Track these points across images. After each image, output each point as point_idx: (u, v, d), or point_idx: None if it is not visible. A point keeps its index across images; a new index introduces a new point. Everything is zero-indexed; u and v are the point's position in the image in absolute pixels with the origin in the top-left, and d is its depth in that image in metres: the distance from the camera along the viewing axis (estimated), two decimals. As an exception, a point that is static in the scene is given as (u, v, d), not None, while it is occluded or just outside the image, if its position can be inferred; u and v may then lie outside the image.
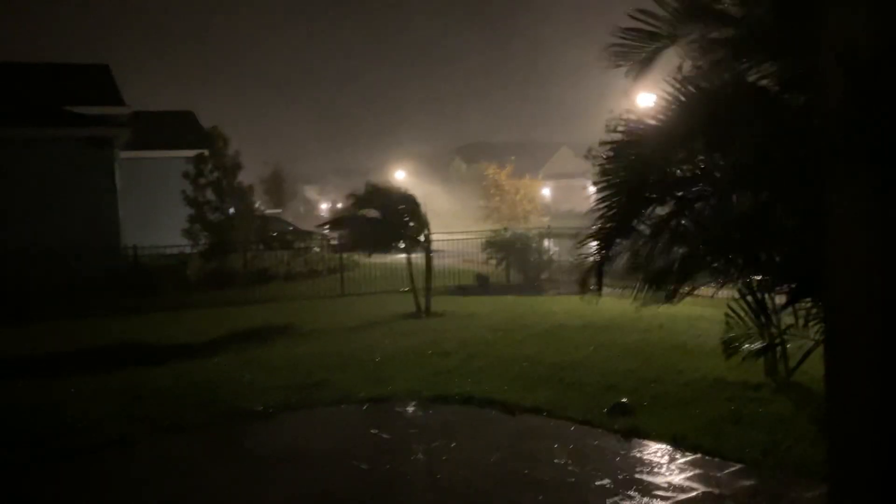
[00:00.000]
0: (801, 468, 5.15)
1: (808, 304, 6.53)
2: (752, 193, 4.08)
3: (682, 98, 3.79)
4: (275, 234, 25.39)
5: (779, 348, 7.43)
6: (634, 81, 4.66)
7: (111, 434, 6.72)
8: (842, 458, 3.38)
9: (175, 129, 29.97)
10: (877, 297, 3.06)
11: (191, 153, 21.30)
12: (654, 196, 4.11)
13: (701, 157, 4.06)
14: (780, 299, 7.37)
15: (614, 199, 4.04)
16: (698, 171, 4.08)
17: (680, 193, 4.16)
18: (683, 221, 4.27)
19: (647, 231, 4.27)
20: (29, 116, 19.53)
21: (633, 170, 3.94)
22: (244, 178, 22.06)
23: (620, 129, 4.06)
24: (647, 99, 12.86)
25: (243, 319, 13.81)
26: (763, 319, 7.29)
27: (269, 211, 41.46)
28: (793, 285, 4.49)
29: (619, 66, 4.51)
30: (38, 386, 8.74)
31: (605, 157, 4.09)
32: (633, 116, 4.10)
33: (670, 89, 3.87)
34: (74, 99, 23.62)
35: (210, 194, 20.67)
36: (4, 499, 5.50)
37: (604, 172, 4.07)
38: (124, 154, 22.48)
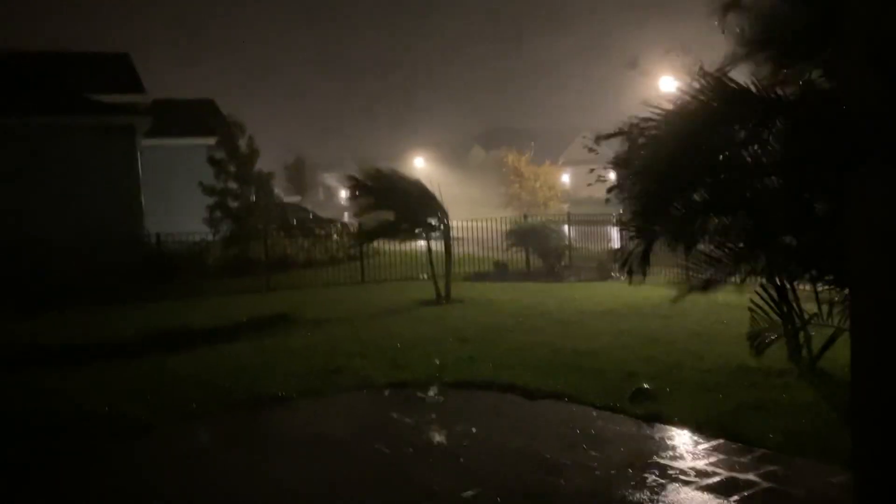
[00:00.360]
0: (825, 454, 5.09)
1: (830, 290, 6.47)
2: (782, 180, 4.03)
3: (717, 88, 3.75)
4: (295, 222, 25.51)
5: (802, 335, 7.38)
6: (653, 67, 4.62)
7: (133, 420, 6.79)
8: (866, 444, 3.34)
9: (195, 116, 30.12)
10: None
11: (210, 141, 21.42)
12: (686, 183, 4.07)
13: (733, 145, 4.02)
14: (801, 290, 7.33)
15: (646, 186, 4.01)
16: (730, 159, 4.03)
17: (710, 181, 4.12)
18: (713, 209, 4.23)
19: (680, 215, 4.24)
20: (51, 105, 19.68)
21: (665, 155, 3.91)
22: (264, 165, 22.18)
23: (654, 113, 4.02)
24: (668, 83, 12.73)
25: (263, 306, 13.91)
26: (785, 308, 7.23)
27: (288, 198, 41.59)
28: (816, 272, 4.45)
29: None
30: (60, 373, 8.84)
31: (639, 142, 4.06)
32: (665, 103, 4.06)
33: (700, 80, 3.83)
34: (96, 87, 23.78)
35: (230, 182, 20.79)
36: (28, 484, 5.58)
37: (634, 159, 4.04)
38: (145, 142, 22.64)
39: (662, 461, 5.30)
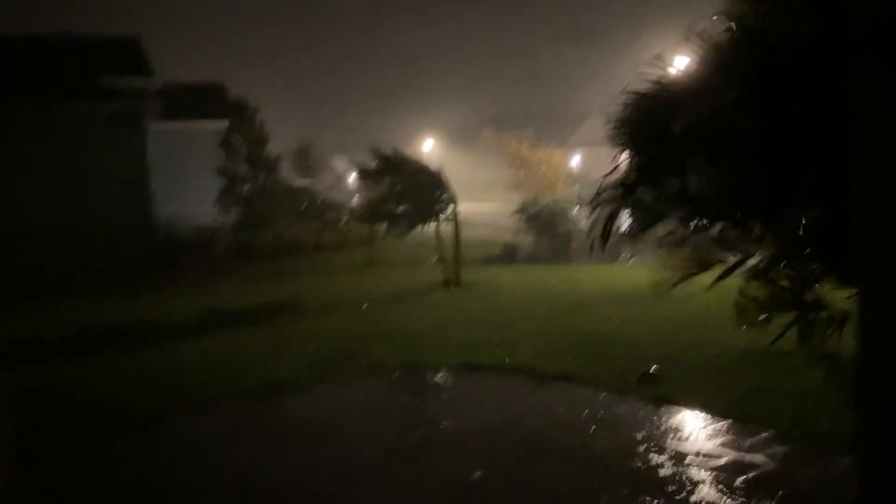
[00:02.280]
0: (831, 437, 5.13)
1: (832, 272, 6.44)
2: (777, 153, 3.97)
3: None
4: (304, 206, 25.54)
5: (812, 317, 7.37)
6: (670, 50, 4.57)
7: (141, 409, 6.74)
8: (871, 427, 3.35)
9: (204, 100, 30.09)
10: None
11: (220, 124, 21.44)
12: (679, 152, 4.04)
13: (728, 114, 3.96)
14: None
15: (637, 152, 3.99)
16: (724, 128, 3.99)
17: (703, 155, 4.08)
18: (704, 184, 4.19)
19: (676, 186, 4.20)
20: (58, 89, 19.71)
21: (657, 121, 3.89)
22: (273, 149, 22.18)
23: (650, 78, 4.00)
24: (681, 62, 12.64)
25: (273, 292, 13.98)
26: (788, 293, 7.20)
27: (298, 182, 41.60)
28: (817, 252, 4.41)
29: None
30: (67, 364, 8.84)
31: (632, 106, 4.02)
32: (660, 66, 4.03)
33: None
34: (104, 71, 23.78)
35: (240, 166, 20.84)
36: (34, 475, 5.60)
37: (625, 124, 4.00)
38: (154, 126, 22.67)
39: (670, 443, 5.34)
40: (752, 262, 5.59)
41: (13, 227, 17.03)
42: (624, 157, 4.40)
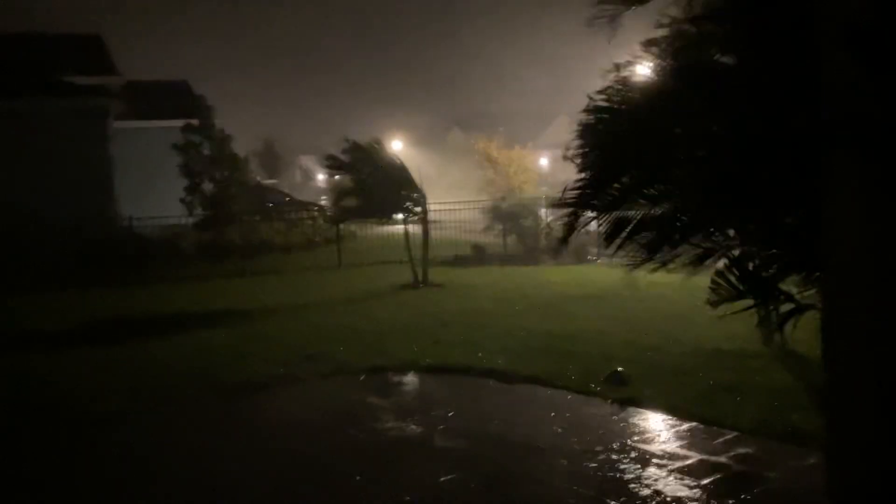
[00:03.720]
0: (797, 437, 5.17)
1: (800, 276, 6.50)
2: (738, 164, 3.98)
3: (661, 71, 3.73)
4: (271, 205, 25.29)
5: (774, 316, 7.44)
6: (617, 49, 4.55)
7: (108, 406, 6.72)
8: (839, 426, 3.37)
9: (168, 98, 29.64)
10: (876, 267, 3.02)
11: (183, 123, 21.11)
12: (634, 156, 4.03)
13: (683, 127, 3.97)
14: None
15: (594, 158, 3.97)
16: (680, 138, 3.99)
17: (657, 162, 4.06)
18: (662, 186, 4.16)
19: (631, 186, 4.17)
20: (23, 87, 19.33)
21: (613, 128, 3.88)
22: (239, 148, 21.89)
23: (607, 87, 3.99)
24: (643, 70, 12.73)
25: (240, 291, 13.80)
26: (748, 288, 7.25)
27: (265, 181, 41.20)
28: (781, 256, 4.42)
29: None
30: (34, 359, 8.73)
31: (592, 109, 3.99)
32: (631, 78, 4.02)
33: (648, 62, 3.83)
34: (68, 69, 23.34)
35: (204, 165, 20.50)
36: (3, 467, 5.51)
37: (584, 131, 3.99)
38: (118, 124, 22.28)
39: (636, 444, 5.34)
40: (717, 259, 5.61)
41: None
42: (584, 160, 4.38)
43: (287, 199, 31.26)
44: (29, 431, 6.27)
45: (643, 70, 4.13)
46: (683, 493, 4.55)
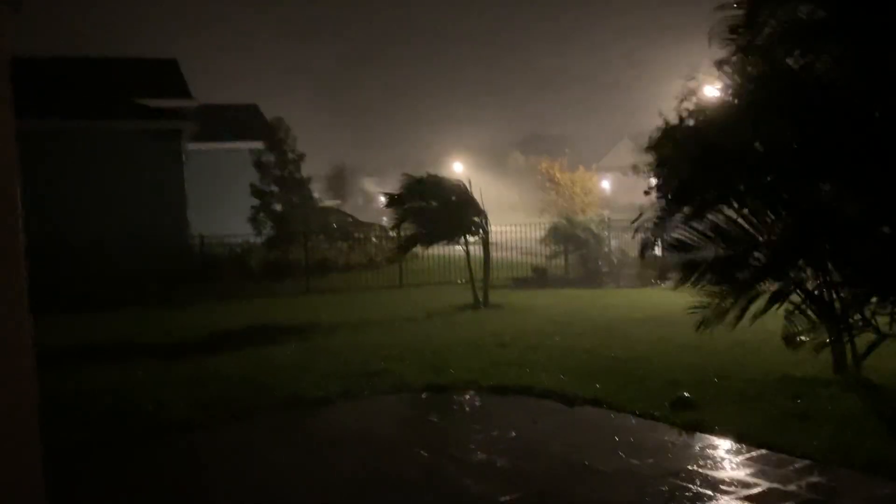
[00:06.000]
0: (871, 466, 4.98)
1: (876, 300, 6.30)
2: (819, 182, 3.93)
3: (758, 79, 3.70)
4: (335, 225, 25.72)
5: (847, 344, 7.21)
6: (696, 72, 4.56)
7: (176, 418, 6.90)
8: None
9: (239, 121, 30.61)
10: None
11: (254, 145, 21.78)
12: (720, 177, 4.01)
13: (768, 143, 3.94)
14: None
15: (677, 175, 3.98)
16: (766, 155, 3.96)
17: (743, 185, 4.03)
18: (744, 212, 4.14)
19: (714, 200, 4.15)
20: (101, 109, 20.18)
21: (699, 145, 3.88)
22: (307, 170, 22.43)
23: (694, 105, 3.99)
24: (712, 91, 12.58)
25: (304, 309, 14.06)
26: (827, 318, 7.07)
27: (328, 202, 41.93)
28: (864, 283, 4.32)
29: None
30: (105, 372, 9.03)
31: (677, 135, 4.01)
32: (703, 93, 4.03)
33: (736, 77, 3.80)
34: (144, 92, 24.36)
35: (274, 185, 21.09)
36: (69, 478, 5.68)
37: (664, 148, 4.00)
38: (191, 146, 23.08)
39: (702, 470, 5.23)
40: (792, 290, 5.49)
41: (57, 240, 17.35)
42: (654, 182, 4.37)
43: (350, 219, 31.70)
44: (96, 440, 6.44)
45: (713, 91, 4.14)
46: (751, 520, 4.44)
